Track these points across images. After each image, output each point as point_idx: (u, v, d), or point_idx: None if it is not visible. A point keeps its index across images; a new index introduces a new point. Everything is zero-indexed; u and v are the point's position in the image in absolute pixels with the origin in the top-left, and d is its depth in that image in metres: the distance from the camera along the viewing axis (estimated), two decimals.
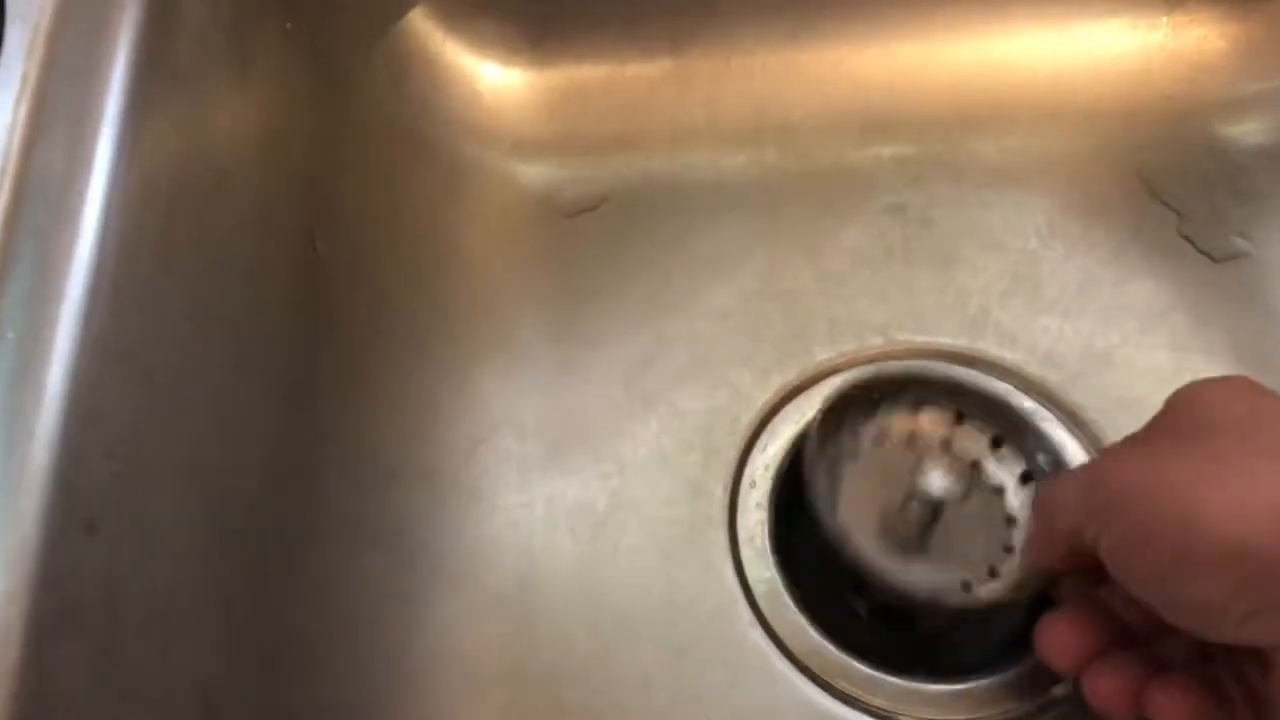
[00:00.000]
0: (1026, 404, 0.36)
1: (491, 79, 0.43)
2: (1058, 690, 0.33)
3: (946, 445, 0.35)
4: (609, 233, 0.41)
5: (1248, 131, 0.40)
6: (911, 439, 0.35)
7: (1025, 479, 0.34)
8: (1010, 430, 0.35)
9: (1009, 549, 0.33)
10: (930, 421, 0.35)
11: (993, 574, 0.33)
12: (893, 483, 0.35)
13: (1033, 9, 0.42)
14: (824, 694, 0.33)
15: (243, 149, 0.32)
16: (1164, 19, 0.41)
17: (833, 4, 0.42)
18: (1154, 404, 0.28)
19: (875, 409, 0.35)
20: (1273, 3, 0.41)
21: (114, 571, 0.24)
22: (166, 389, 0.27)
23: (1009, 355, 0.38)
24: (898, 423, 0.36)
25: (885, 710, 0.33)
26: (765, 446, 0.37)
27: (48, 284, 0.25)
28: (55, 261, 0.25)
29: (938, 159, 0.41)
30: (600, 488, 0.37)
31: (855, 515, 0.34)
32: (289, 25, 0.35)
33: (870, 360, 0.38)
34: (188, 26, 0.29)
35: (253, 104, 0.33)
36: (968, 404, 0.35)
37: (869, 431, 0.36)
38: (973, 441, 0.35)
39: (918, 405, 0.36)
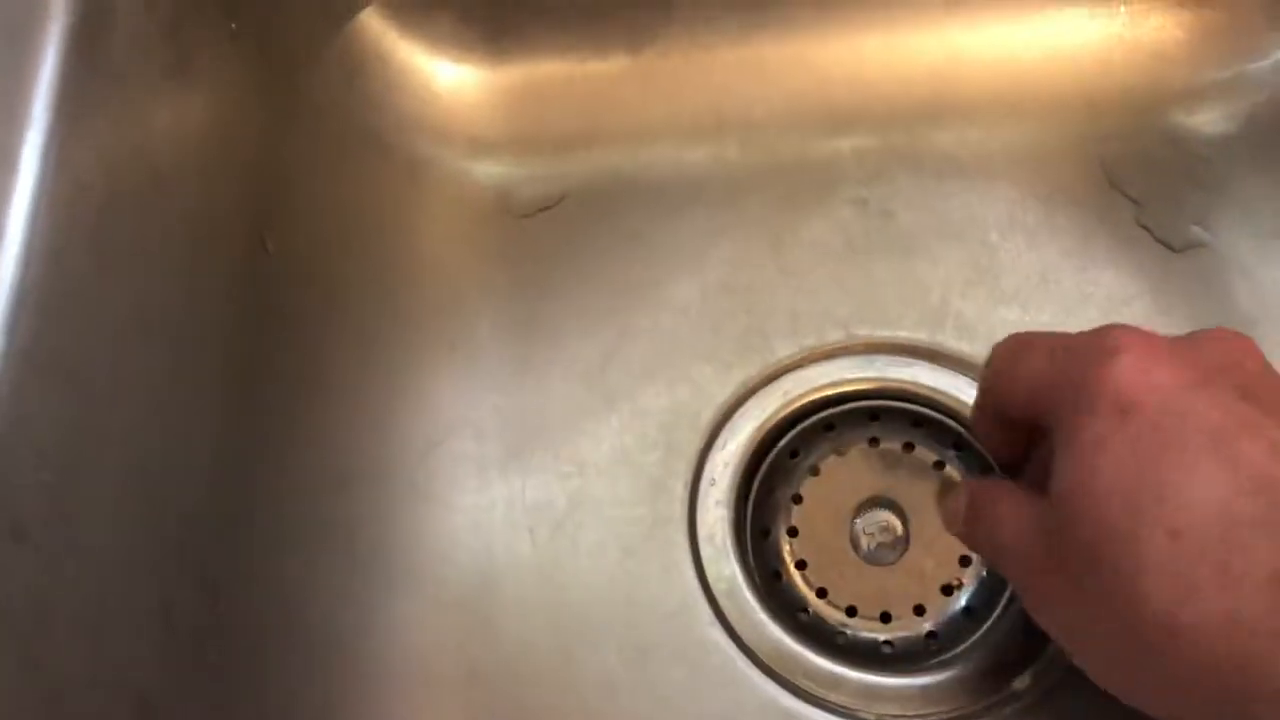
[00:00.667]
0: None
1: (447, 77, 0.42)
2: (1018, 684, 0.33)
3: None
4: (568, 231, 0.41)
5: (1206, 121, 0.40)
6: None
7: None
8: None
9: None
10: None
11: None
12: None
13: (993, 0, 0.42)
14: (785, 692, 0.33)
15: (183, 149, 0.31)
16: (1121, 8, 0.41)
17: None
18: None
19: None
20: None
21: (43, 578, 0.24)
22: (102, 396, 0.26)
23: (968, 347, 0.37)
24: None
25: (847, 707, 0.33)
26: (725, 444, 0.37)
27: None
28: None
29: (899, 152, 0.41)
30: (560, 488, 0.37)
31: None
32: (234, 25, 0.34)
33: (830, 355, 0.38)
34: (121, 23, 0.28)
35: (195, 103, 0.32)
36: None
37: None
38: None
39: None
